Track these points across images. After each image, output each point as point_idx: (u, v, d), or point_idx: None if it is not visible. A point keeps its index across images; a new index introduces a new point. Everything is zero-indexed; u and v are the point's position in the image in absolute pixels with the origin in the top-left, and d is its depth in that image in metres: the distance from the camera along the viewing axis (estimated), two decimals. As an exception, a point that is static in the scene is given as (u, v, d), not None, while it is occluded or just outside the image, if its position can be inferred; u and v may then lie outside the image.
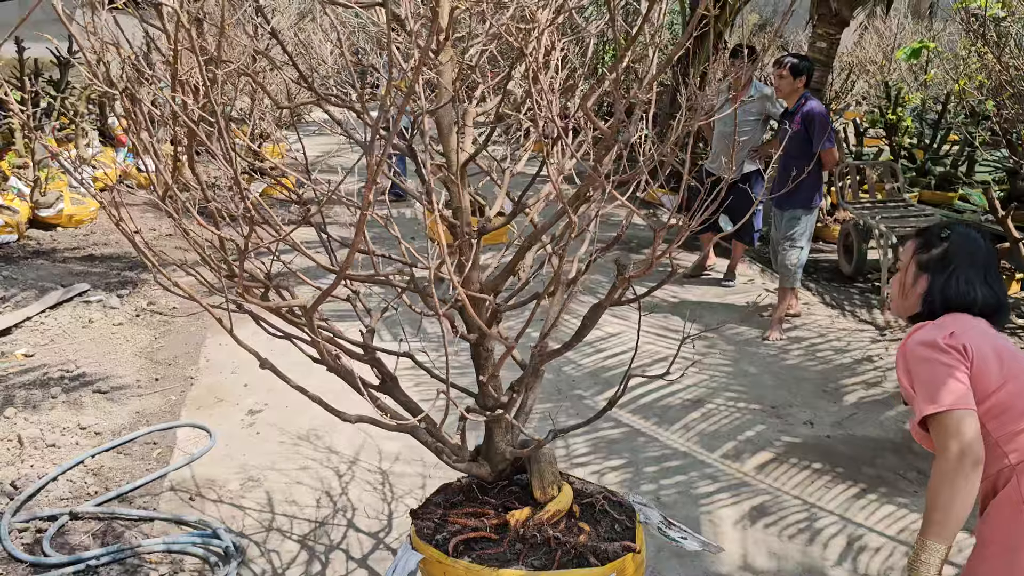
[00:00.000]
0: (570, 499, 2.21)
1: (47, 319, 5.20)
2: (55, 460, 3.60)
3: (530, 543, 2.09)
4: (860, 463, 3.66)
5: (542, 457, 2.28)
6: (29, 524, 3.12)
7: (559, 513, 2.14)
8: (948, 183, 9.02)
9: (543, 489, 2.20)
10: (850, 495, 3.40)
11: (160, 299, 5.68)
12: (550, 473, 2.23)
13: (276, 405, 4.12)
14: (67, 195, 7.16)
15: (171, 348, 4.91)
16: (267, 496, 3.36)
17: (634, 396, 4.28)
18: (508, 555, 2.07)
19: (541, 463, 2.28)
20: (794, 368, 4.72)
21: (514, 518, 2.14)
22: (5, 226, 6.36)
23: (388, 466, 3.58)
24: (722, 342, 5.10)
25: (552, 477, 2.22)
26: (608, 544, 2.10)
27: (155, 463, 3.63)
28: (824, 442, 3.86)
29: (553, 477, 2.22)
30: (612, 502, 2.33)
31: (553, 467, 2.28)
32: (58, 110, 8.62)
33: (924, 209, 6.50)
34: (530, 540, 2.09)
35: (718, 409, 4.17)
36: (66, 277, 5.96)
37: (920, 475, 3.57)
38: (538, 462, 2.27)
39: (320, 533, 3.10)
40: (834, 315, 5.60)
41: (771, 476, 3.56)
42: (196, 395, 4.29)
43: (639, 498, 2.47)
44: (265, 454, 3.68)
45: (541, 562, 2.04)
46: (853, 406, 4.23)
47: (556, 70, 2.20)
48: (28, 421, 3.91)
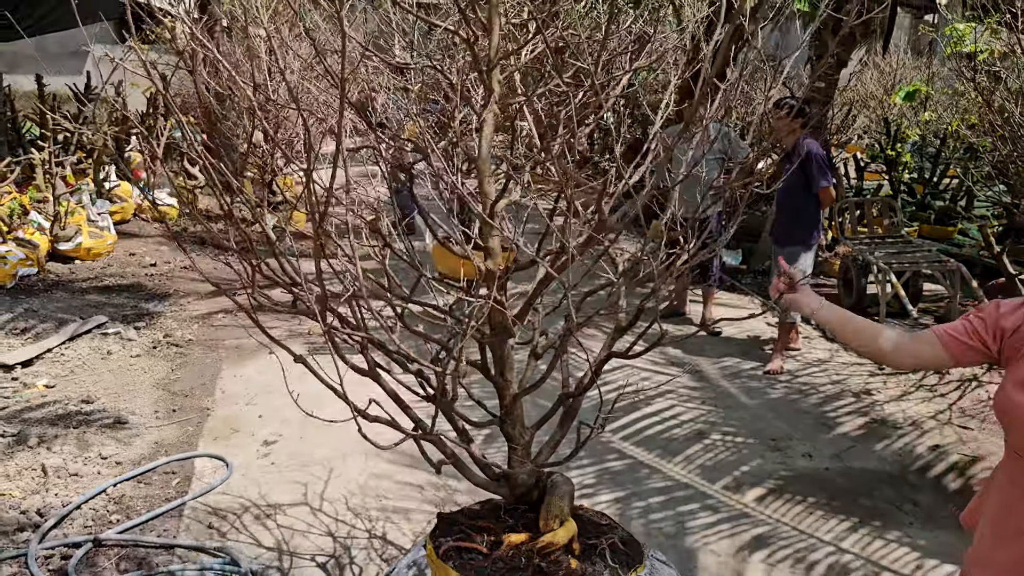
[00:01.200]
0: (569, 535, 2.32)
1: (67, 351, 5.36)
2: (78, 489, 3.73)
3: (512, 565, 2.21)
4: (857, 495, 3.77)
5: (556, 490, 2.41)
6: (54, 551, 3.24)
7: (553, 545, 2.24)
8: (948, 217, 9.18)
9: (546, 520, 2.32)
10: (846, 527, 3.51)
11: (176, 331, 5.84)
12: (556, 506, 2.35)
13: (290, 436, 4.25)
14: (85, 229, 7.36)
15: (187, 380, 5.05)
16: (283, 524, 3.48)
17: (638, 429, 4.40)
18: (489, 571, 2.19)
19: (553, 496, 2.41)
20: (794, 401, 4.84)
21: (508, 539, 2.27)
22: (26, 259, 6.55)
23: (399, 497, 3.70)
24: (724, 376, 5.23)
25: (558, 511, 2.34)
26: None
27: (174, 492, 3.76)
28: (822, 474, 3.97)
29: (559, 511, 2.34)
30: (620, 551, 2.37)
31: (562, 501, 2.40)
32: (75, 144, 8.86)
33: (922, 244, 6.65)
34: (513, 563, 2.21)
35: (719, 442, 4.28)
36: (85, 309, 6.13)
37: (915, 507, 3.68)
38: (551, 494, 2.40)
39: (336, 560, 3.22)
40: (834, 349, 5.72)
41: (770, 508, 3.67)
42: (212, 426, 4.42)
43: (659, 555, 2.54)
44: (281, 483, 3.81)
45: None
46: (851, 439, 4.34)
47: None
48: (51, 451, 4.05)
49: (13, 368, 5.01)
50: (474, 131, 1.74)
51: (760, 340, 5.92)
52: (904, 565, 3.24)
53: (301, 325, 5.85)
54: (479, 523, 2.39)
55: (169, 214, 9.42)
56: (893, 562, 3.26)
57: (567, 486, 2.45)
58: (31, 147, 8.02)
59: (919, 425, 4.52)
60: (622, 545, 2.40)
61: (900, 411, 4.70)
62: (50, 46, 15.05)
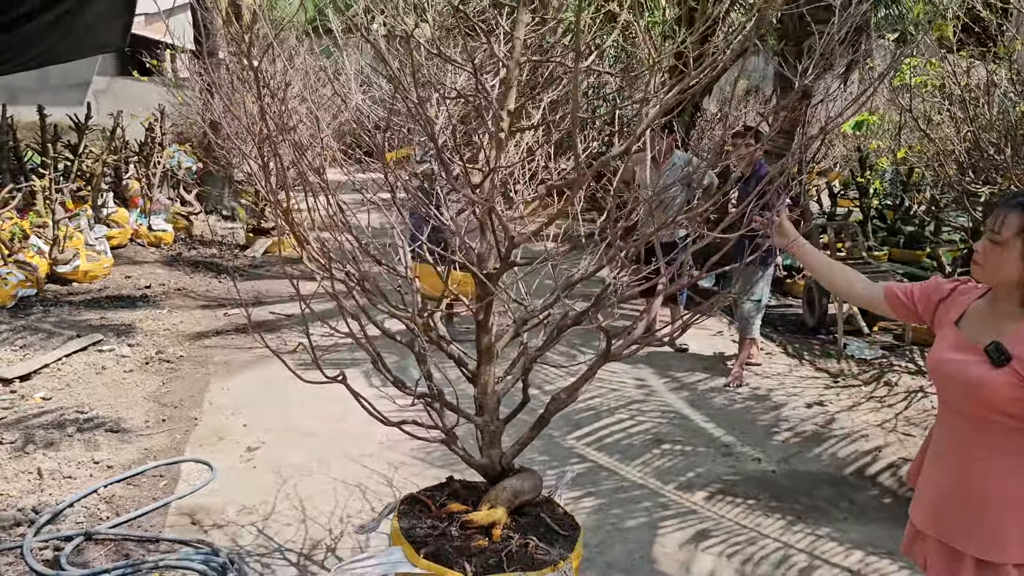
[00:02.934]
0: (490, 519, 2.59)
1: (63, 366, 5.64)
2: (71, 490, 3.99)
3: (438, 525, 2.57)
4: (798, 495, 4.05)
5: (506, 481, 2.71)
6: (48, 544, 3.50)
7: (472, 523, 2.56)
8: (917, 242, 9.54)
9: (484, 502, 2.64)
10: (785, 523, 3.78)
11: (168, 348, 6.12)
12: (493, 494, 2.65)
13: (273, 443, 4.52)
14: (83, 253, 7.66)
15: (177, 392, 5.32)
16: (262, 520, 3.74)
17: (599, 436, 4.68)
18: (420, 523, 2.58)
19: (499, 485, 2.71)
20: (749, 411, 5.12)
21: (451, 506, 2.64)
22: (26, 281, 6.84)
23: (375, 496, 3.96)
24: (685, 387, 5.51)
25: (492, 497, 2.63)
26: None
27: (161, 493, 4.02)
28: (768, 476, 4.24)
29: (494, 498, 2.63)
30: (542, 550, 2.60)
31: (504, 492, 2.67)
32: (75, 173, 9.20)
33: (881, 265, 6.97)
34: (441, 525, 2.57)
35: (674, 448, 4.56)
36: (81, 328, 6.41)
37: (852, 505, 3.95)
38: (502, 483, 2.71)
39: (311, 550, 3.48)
40: (793, 364, 6.01)
41: (717, 506, 3.94)
42: (199, 434, 4.69)
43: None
44: (261, 485, 4.07)
45: (426, 537, 2.52)
46: (799, 445, 4.62)
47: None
48: (46, 456, 4.32)
49: (12, 382, 5.28)
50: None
51: (725, 356, 6.20)
52: (834, 555, 3.51)
53: (286, 344, 6.15)
54: (447, 492, 2.77)
55: (164, 239, 9.73)
56: (824, 552, 3.53)
57: (522, 482, 2.73)
58: (32, 175, 8.35)
59: (865, 433, 4.80)
60: (545, 544, 2.61)
61: (849, 420, 4.98)
62: (51, 78, 15.50)
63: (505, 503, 2.65)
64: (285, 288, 7.92)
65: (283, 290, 7.84)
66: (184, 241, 10.20)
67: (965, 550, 2.03)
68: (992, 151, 5.03)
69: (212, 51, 11.36)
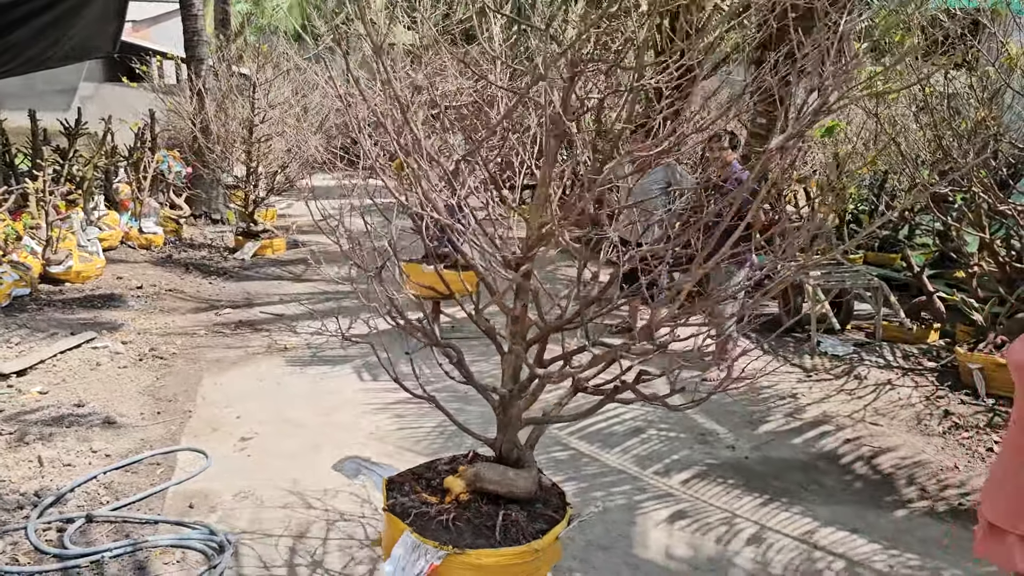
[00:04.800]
0: (448, 487, 2.92)
1: (59, 362, 5.76)
2: (71, 476, 4.12)
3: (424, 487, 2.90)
4: (770, 479, 4.25)
5: (477, 466, 2.94)
6: (51, 525, 3.65)
7: (448, 488, 2.91)
8: (891, 245, 9.81)
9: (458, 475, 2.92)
10: (756, 503, 3.98)
11: (161, 345, 6.25)
12: (465, 470, 2.92)
13: (265, 434, 4.67)
14: (76, 254, 7.79)
15: (171, 387, 5.46)
16: (256, 504, 3.89)
17: (582, 426, 4.86)
18: (409, 497, 2.89)
19: (485, 464, 2.94)
20: (726, 403, 5.32)
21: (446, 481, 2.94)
22: (20, 281, 6.96)
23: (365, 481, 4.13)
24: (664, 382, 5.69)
25: (462, 473, 2.91)
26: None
27: (158, 479, 4.16)
28: (742, 462, 4.44)
29: (463, 474, 2.91)
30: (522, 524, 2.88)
31: (487, 471, 2.91)
32: (65, 177, 9.30)
33: (851, 266, 7.21)
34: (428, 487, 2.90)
35: (653, 436, 4.75)
36: (75, 326, 6.53)
37: (820, 487, 4.15)
38: (472, 467, 2.93)
39: (302, 532, 3.64)
40: (769, 360, 6.23)
41: (693, 488, 4.13)
42: (194, 425, 4.84)
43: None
44: (254, 472, 4.22)
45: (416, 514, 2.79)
46: (772, 433, 4.83)
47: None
48: (45, 446, 4.45)
49: (8, 377, 5.40)
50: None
51: (703, 352, 6.40)
52: (802, 531, 3.71)
53: (277, 343, 6.30)
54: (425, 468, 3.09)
55: (155, 241, 9.85)
56: (793, 529, 3.73)
57: (491, 471, 2.93)
58: (24, 178, 8.46)
59: (835, 422, 5.01)
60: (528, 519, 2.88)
61: (821, 411, 5.20)
62: (38, 84, 15.57)
63: (468, 479, 2.91)
64: (275, 289, 8.08)
65: (273, 291, 7.99)
66: (174, 243, 10.33)
67: None
68: (957, 155, 5.27)
69: (201, 57, 11.52)
